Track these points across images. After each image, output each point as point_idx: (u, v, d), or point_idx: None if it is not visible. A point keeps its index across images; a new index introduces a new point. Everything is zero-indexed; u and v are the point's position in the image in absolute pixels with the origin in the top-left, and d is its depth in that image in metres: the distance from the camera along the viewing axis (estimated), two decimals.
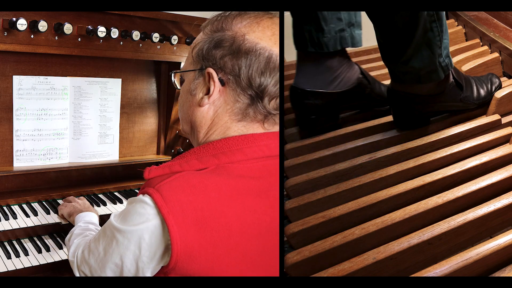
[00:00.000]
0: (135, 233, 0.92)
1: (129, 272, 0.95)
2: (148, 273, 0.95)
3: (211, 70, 0.97)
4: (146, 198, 0.92)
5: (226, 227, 0.91)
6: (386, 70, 1.72)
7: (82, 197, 1.65)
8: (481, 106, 1.54)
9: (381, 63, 1.84)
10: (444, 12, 1.41)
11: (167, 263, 0.91)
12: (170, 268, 0.91)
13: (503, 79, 1.69)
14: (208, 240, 0.90)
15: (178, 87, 1.08)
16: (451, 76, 1.49)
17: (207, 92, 0.99)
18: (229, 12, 1.01)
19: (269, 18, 1.00)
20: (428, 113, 1.53)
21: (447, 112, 1.56)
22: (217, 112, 1.00)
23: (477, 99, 1.54)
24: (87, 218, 1.38)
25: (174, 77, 1.09)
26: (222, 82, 0.98)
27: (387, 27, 1.39)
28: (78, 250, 1.08)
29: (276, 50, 0.97)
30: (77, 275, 1.07)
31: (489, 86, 1.58)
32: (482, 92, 1.55)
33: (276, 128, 1.03)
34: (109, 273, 0.97)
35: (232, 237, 0.92)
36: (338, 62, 1.57)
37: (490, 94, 1.55)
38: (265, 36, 0.97)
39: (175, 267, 0.91)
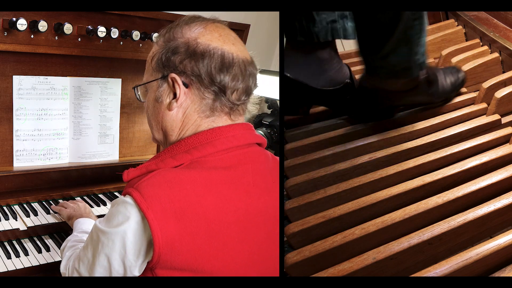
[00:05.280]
0: (119, 233, 0.95)
1: (117, 274, 0.97)
2: (136, 272, 0.97)
3: (174, 75, 1.03)
4: (127, 198, 0.95)
5: (203, 216, 0.95)
6: None
7: (81, 200, 1.65)
8: (447, 102, 1.60)
9: None
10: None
11: (152, 257, 0.93)
12: (154, 262, 0.94)
13: None
14: (188, 230, 0.93)
15: (143, 100, 1.13)
16: (424, 71, 1.51)
17: (174, 97, 1.04)
18: (176, 22, 1.08)
19: (213, 22, 1.08)
20: (395, 107, 1.57)
21: (414, 106, 1.61)
22: (185, 113, 1.04)
23: (442, 93, 1.57)
24: (84, 227, 1.38)
25: (138, 92, 1.14)
26: (186, 85, 1.03)
27: (368, 22, 1.39)
28: (69, 263, 1.12)
29: (226, 48, 1.03)
30: None
31: (453, 80, 1.60)
32: (447, 85, 1.58)
33: (241, 119, 1.09)
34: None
35: (211, 225, 0.96)
36: (329, 55, 1.53)
37: (455, 88, 1.59)
38: (214, 37, 1.04)
39: (159, 260, 0.93)
